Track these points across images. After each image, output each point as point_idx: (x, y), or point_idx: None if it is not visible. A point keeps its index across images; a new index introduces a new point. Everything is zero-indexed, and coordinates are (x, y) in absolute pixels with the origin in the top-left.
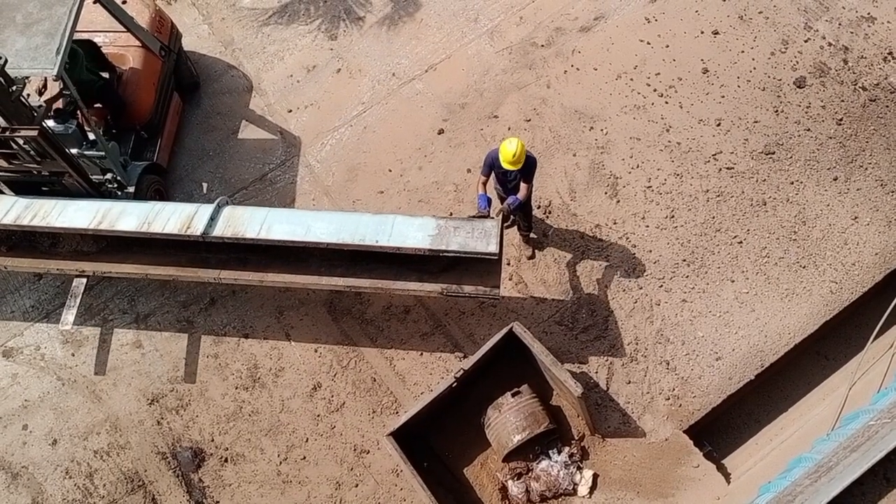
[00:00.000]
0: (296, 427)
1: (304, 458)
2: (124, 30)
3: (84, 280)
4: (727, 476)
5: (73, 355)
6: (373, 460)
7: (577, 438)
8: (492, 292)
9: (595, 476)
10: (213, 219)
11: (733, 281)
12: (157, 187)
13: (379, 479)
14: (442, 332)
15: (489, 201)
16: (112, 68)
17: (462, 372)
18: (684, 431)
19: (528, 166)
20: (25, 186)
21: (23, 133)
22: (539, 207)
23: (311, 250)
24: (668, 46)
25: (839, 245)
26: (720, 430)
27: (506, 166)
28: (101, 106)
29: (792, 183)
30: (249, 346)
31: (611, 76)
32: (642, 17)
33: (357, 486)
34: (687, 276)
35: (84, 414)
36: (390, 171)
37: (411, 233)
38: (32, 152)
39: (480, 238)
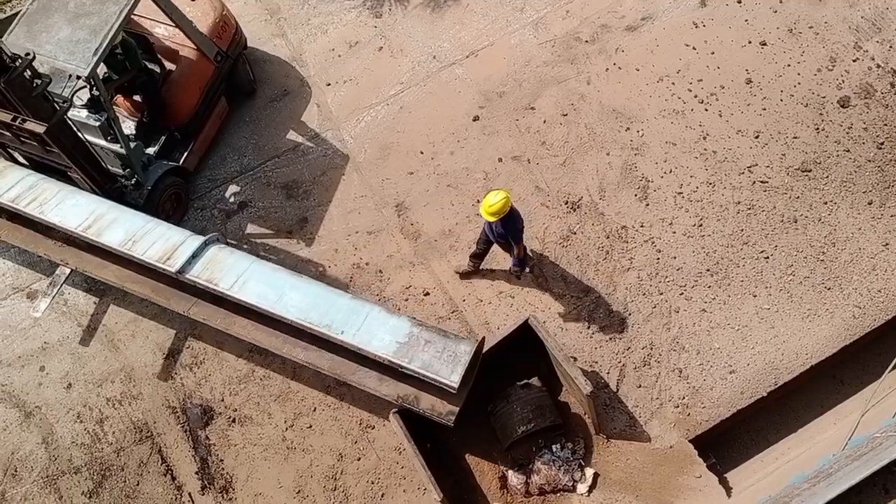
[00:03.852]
0: (305, 396)
1: (311, 426)
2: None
3: (67, 271)
4: (728, 490)
5: (95, 303)
6: (377, 436)
7: (581, 436)
8: (446, 417)
9: (596, 475)
10: (194, 256)
11: (755, 296)
12: (175, 191)
13: (381, 455)
14: (458, 317)
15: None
16: (161, 65)
17: None
18: (690, 441)
19: (510, 225)
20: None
21: (28, 127)
22: (566, 203)
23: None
24: (713, 53)
25: (867, 270)
26: (726, 444)
27: (483, 214)
28: (140, 100)
29: (825, 203)
30: None
31: (652, 78)
32: (690, 22)
33: (359, 459)
34: (709, 287)
35: (100, 361)
36: (422, 153)
37: (380, 333)
38: (37, 144)
39: (447, 362)
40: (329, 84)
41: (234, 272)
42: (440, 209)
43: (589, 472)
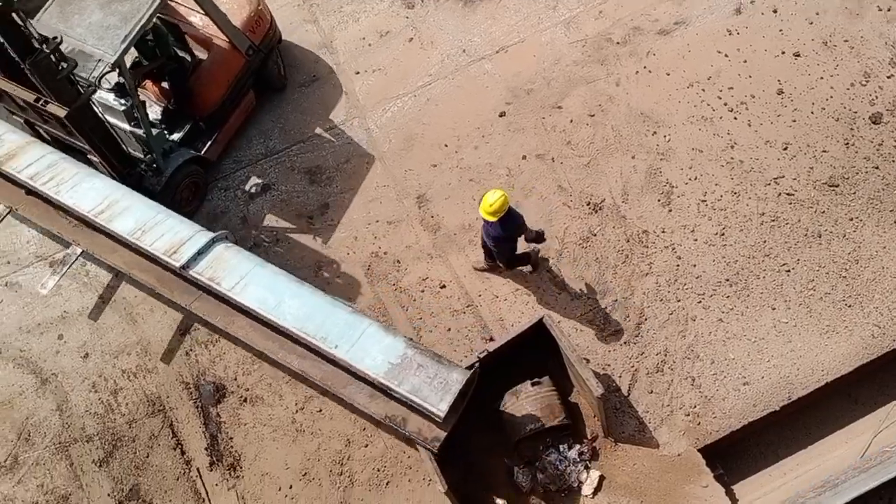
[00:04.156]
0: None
1: (321, 410)
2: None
3: (79, 251)
4: (734, 502)
5: (116, 276)
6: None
7: (589, 438)
8: (431, 443)
9: (601, 478)
10: (200, 253)
11: (774, 308)
12: (194, 180)
13: (388, 444)
14: (473, 311)
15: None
16: (191, 54)
17: (486, 353)
18: (699, 450)
19: (510, 223)
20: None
21: (50, 109)
22: (588, 204)
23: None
24: (745, 62)
25: (890, 289)
26: (735, 455)
27: (482, 214)
28: (167, 87)
29: (851, 219)
30: None
31: (682, 83)
32: (724, 29)
33: (367, 446)
34: (728, 297)
35: (118, 333)
36: (446, 146)
37: (374, 352)
38: (58, 125)
39: (437, 390)
40: (358, 72)
41: (237, 273)
42: (461, 203)
43: (595, 474)
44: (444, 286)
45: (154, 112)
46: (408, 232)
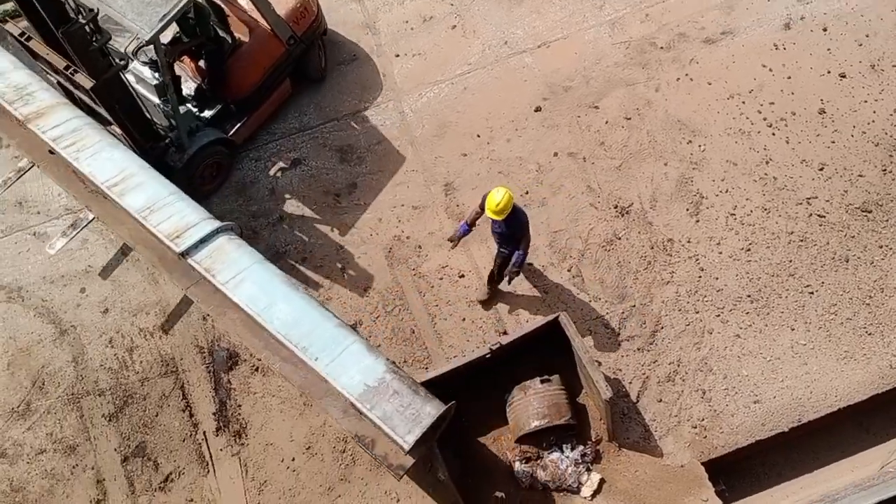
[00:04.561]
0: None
1: None
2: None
3: (91, 216)
4: None
5: None
6: None
7: (593, 440)
8: (395, 469)
9: (602, 481)
10: (202, 241)
11: (793, 329)
12: (217, 160)
13: None
14: (489, 303)
15: (466, 232)
16: (232, 36)
17: (499, 346)
18: (703, 463)
19: (515, 221)
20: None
21: (77, 79)
22: (616, 207)
23: None
24: (789, 78)
25: None
26: (739, 473)
27: (488, 213)
28: (203, 67)
29: (881, 247)
30: (304, 270)
31: (723, 94)
32: (771, 42)
33: None
34: (747, 313)
35: (139, 292)
36: (478, 136)
37: (353, 371)
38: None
39: (407, 420)
40: (398, 55)
41: (235, 267)
42: None
43: (595, 476)
44: (462, 276)
45: (188, 87)
46: (432, 218)
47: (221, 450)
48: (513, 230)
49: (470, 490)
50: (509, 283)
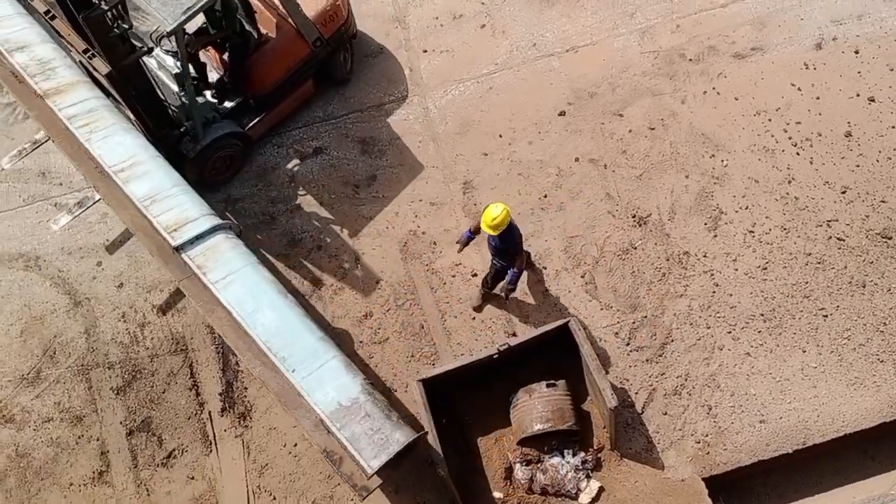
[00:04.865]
0: (337, 345)
1: None
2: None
3: (97, 197)
4: None
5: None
6: (396, 400)
7: (595, 448)
8: (359, 490)
9: (601, 489)
10: (198, 238)
11: (805, 351)
12: (230, 152)
13: None
14: (500, 304)
15: (470, 238)
16: (258, 32)
17: (507, 347)
18: (704, 479)
19: (509, 237)
20: None
21: (94, 64)
22: (634, 217)
23: None
24: (818, 98)
25: None
26: (740, 492)
27: (484, 227)
28: (226, 59)
29: None
30: (319, 258)
31: (749, 111)
32: (801, 61)
33: None
34: (759, 332)
35: (154, 269)
36: (500, 136)
37: (328, 387)
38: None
39: (374, 445)
40: (425, 51)
41: (227, 267)
42: (506, 196)
43: (595, 484)
44: (475, 274)
45: (211, 76)
46: (449, 216)
47: (225, 430)
48: (507, 245)
49: (468, 487)
50: (506, 298)
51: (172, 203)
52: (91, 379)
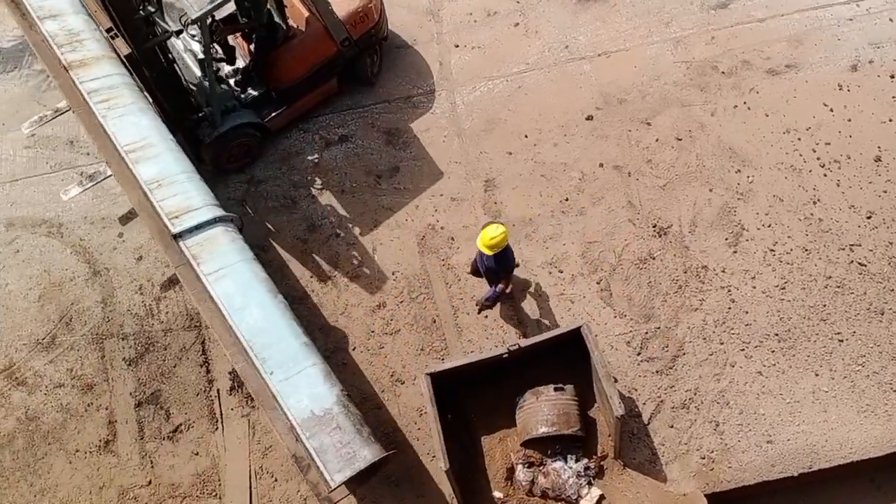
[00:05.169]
0: (349, 333)
1: (345, 363)
2: None
3: (109, 172)
4: None
5: None
6: (404, 392)
7: (598, 455)
8: (322, 501)
9: (601, 497)
10: (198, 227)
11: (817, 375)
12: (246, 142)
13: (402, 411)
14: (513, 304)
15: (496, 300)
16: (287, 26)
17: (517, 347)
18: (706, 495)
19: (503, 259)
20: None
21: (115, 44)
22: (654, 227)
23: None
24: (849, 120)
25: None
26: None
27: (480, 246)
28: (252, 49)
29: None
30: (337, 245)
31: (779, 128)
32: (835, 82)
33: (380, 408)
34: (773, 351)
35: None
36: (526, 136)
37: (303, 394)
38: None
39: (341, 459)
40: (457, 46)
41: (221, 261)
42: (527, 196)
43: (595, 491)
44: None
45: (238, 64)
46: (468, 212)
47: (232, 409)
48: (500, 266)
49: (469, 484)
50: (479, 312)
51: (178, 189)
52: (105, 348)
